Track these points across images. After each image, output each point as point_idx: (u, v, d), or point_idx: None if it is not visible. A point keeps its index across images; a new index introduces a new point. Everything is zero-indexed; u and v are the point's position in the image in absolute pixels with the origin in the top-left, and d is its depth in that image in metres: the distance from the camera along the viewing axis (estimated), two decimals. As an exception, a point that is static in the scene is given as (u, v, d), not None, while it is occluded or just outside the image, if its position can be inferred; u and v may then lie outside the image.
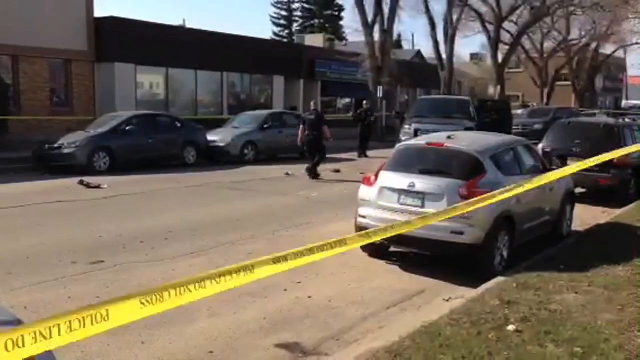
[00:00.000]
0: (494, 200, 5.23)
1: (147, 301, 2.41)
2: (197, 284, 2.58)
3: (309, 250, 3.15)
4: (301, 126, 15.93)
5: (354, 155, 21.08)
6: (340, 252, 3.40)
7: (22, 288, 6.12)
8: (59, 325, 2.13)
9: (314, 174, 14.99)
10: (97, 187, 12.71)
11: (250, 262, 2.88)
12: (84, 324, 2.20)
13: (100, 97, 22.99)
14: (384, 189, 7.29)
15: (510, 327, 4.90)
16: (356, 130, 22.43)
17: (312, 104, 16.90)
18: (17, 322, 2.94)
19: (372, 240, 3.77)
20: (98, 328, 2.25)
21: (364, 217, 7.41)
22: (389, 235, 3.86)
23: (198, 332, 5.17)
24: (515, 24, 38.50)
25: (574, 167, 7.99)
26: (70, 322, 2.16)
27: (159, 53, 23.80)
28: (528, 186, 5.68)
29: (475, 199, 5.09)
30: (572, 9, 37.31)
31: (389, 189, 7.24)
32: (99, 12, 23.15)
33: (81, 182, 12.96)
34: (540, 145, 12.60)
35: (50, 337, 2.10)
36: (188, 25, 32.94)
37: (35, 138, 16.72)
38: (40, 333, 2.08)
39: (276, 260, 3.02)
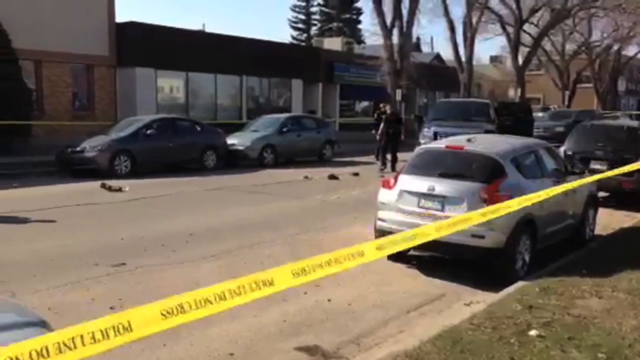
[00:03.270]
0: (518, 207, 5.23)
1: (168, 312, 2.45)
2: (217, 296, 2.62)
3: (327, 262, 3.17)
4: (382, 124, 18.77)
5: (372, 158, 21.02)
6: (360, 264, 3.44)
7: (45, 290, 6.20)
8: (82, 336, 2.15)
9: (393, 167, 17.49)
10: (119, 190, 12.84)
11: (270, 272, 2.90)
12: (107, 335, 2.22)
13: (121, 101, 23.24)
14: (403, 192, 7.26)
15: (533, 332, 4.86)
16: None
17: (387, 107, 20.31)
18: (42, 324, 2.98)
19: (388, 253, 3.74)
20: (121, 339, 2.27)
21: (383, 220, 7.39)
22: (400, 249, 3.81)
23: (219, 334, 5.19)
24: (536, 25, 38.13)
25: (608, 173, 7.84)
26: (93, 332, 2.18)
27: (179, 57, 24.00)
28: (556, 190, 5.65)
29: (498, 205, 5.05)
30: (593, 10, 36.86)
31: (409, 192, 7.21)
32: (119, 17, 23.45)
33: (103, 185, 13.11)
34: (563, 148, 12.47)
35: (75, 347, 2.12)
36: (207, 30, 33.25)
37: (57, 142, 16.94)
38: (64, 343, 2.10)
39: (295, 273, 3.05)
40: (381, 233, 7.46)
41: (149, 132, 16.54)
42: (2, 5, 17.84)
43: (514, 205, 5.15)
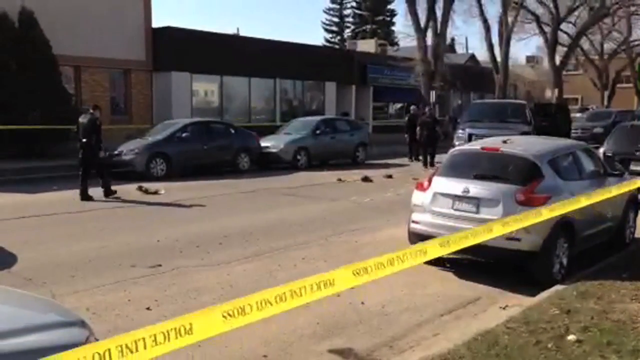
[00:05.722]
0: (564, 211, 5.25)
1: (229, 314, 2.47)
2: (278, 297, 2.64)
3: (389, 261, 3.21)
4: (418, 127, 19.82)
5: (405, 160, 20.93)
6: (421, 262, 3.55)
7: (84, 290, 6.33)
8: (144, 338, 2.19)
9: (432, 164, 18.39)
10: (155, 192, 13.05)
11: (330, 274, 2.91)
12: (169, 338, 2.25)
13: (158, 105, 23.63)
14: (437, 195, 7.20)
15: (571, 337, 4.76)
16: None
17: (427, 109, 20.99)
18: (81, 324, 3.05)
19: (451, 250, 3.99)
20: (182, 341, 2.30)
21: (417, 222, 7.34)
22: (467, 244, 4.08)
23: (252, 335, 5.21)
24: (574, 25, 37.42)
25: None
26: (155, 335, 2.22)
27: (214, 61, 24.29)
28: (598, 197, 5.58)
29: (542, 209, 5.02)
30: (633, 8, 35.99)
31: (443, 195, 7.15)
32: (155, 22, 23.85)
33: (139, 188, 13.33)
34: (602, 150, 12.20)
35: (137, 350, 2.16)
36: (242, 34, 33.58)
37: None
38: (127, 346, 2.14)
39: (357, 272, 3.06)
40: (415, 235, 7.42)
41: (184, 135, 16.77)
42: (42, 12, 18.32)
43: (575, 204, 5.53)
